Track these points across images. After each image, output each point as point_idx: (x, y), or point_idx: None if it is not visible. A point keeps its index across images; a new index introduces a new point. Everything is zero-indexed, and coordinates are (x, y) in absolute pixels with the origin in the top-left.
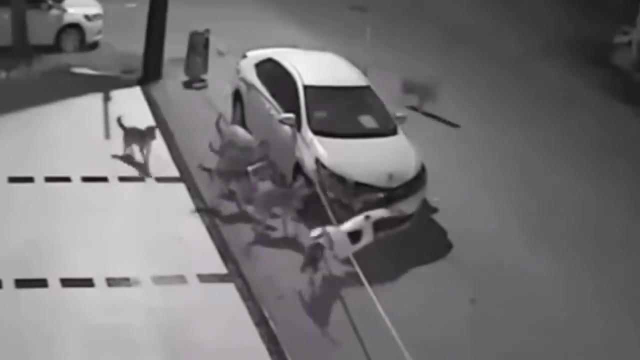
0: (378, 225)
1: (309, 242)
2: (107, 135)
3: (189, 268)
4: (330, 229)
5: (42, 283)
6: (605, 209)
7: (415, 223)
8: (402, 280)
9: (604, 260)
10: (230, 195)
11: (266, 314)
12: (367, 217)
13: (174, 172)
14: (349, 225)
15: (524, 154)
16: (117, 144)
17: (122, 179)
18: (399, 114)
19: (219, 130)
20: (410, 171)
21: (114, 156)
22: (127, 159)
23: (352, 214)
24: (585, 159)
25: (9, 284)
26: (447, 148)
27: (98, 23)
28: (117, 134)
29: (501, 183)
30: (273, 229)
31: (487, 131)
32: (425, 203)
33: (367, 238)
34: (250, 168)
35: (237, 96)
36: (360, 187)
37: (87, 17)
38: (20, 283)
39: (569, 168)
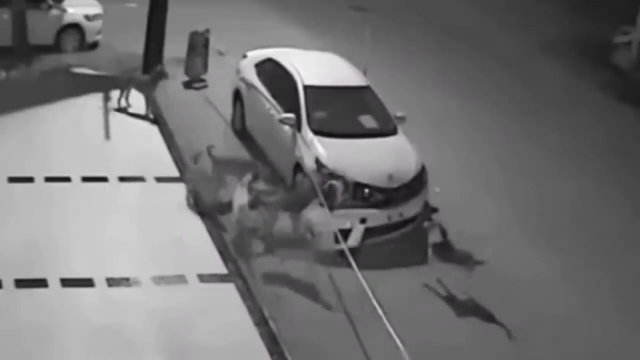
0: (371, 231)
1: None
2: (107, 135)
3: (189, 268)
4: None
5: (42, 283)
6: (606, 208)
7: (418, 225)
8: (402, 280)
9: (605, 259)
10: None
11: (266, 314)
12: (363, 221)
13: (174, 172)
14: (341, 218)
15: (524, 153)
16: (117, 144)
17: (122, 179)
18: (399, 114)
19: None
20: (410, 171)
21: None
22: None
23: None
24: (585, 158)
25: (9, 284)
26: (447, 148)
27: (98, 23)
28: (117, 134)
29: (501, 182)
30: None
31: (488, 130)
32: (427, 204)
33: (352, 241)
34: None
35: (237, 96)
36: (360, 187)
37: (87, 17)
38: (20, 283)
39: (569, 167)
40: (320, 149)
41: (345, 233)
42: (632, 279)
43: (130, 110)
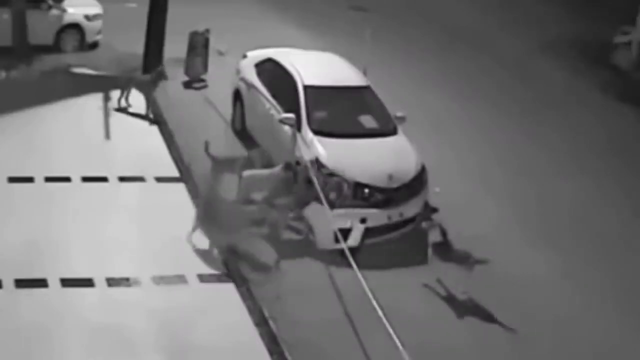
0: (371, 231)
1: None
2: (107, 135)
3: (189, 268)
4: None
5: (42, 283)
6: (606, 208)
7: (418, 224)
8: (402, 279)
9: (605, 259)
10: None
11: (266, 314)
12: (363, 221)
13: (174, 172)
14: (341, 218)
15: (524, 153)
16: (117, 144)
17: (122, 179)
18: (399, 114)
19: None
20: (410, 171)
21: None
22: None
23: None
24: (585, 158)
25: (9, 284)
26: (447, 148)
27: (98, 23)
28: (117, 134)
29: (501, 182)
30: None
31: (488, 130)
32: (427, 204)
33: (352, 241)
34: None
35: (237, 96)
36: (360, 187)
37: (87, 17)
38: (20, 283)
39: (569, 167)
40: (320, 149)
41: (345, 233)
42: (632, 279)
43: (131, 110)
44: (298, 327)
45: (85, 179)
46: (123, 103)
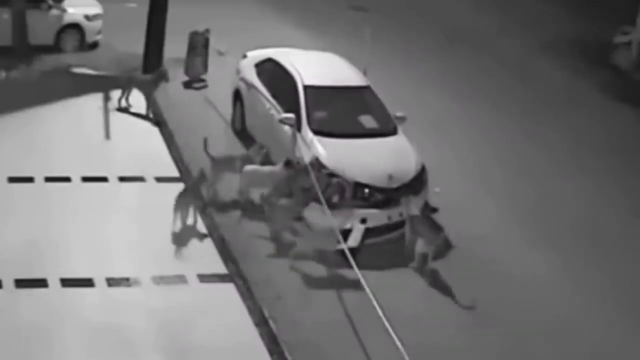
0: (371, 231)
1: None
2: (107, 135)
3: (189, 268)
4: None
5: (42, 283)
6: (606, 208)
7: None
8: (402, 279)
9: (604, 259)
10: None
11: (266, 314)
12: (363, 221)
13: (174, 172)
14: (340, 218)
15: (524, 153)
16: (117, 144)
17: (122, 179)
18: (399, 114)
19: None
20: (410, 171)
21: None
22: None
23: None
24: (585, 158)
25: (9, 284)
26: (447, 148)
27: (98, 23)
28: (117, 134)
29: (501, 182)
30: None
31: (488, 130)
32: (427, 204)
33: (352, 241)
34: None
35: (237, 96)
36: (360, 187)
37: (87, 17)
38: (20, 283)
39: (569, 167)
40: (320, 149)
41: (346, 233)
42: (632, 279)
43: (131, 110)
44: (298, 327)
45: (85, 179)
46: (123, 103)
